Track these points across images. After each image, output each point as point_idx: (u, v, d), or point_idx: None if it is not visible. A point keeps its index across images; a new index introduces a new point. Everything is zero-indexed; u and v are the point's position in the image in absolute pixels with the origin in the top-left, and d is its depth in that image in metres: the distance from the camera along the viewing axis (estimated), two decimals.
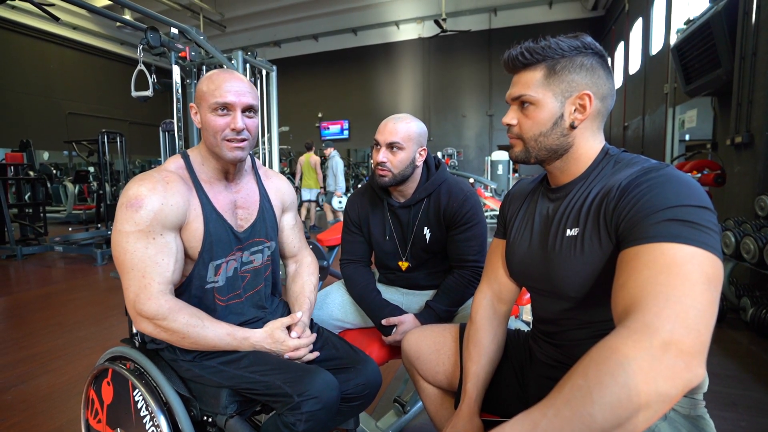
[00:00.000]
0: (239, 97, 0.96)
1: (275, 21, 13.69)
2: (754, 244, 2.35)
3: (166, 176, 0.95)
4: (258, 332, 1.01)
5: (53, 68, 12.96)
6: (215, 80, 0.96)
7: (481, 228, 1.32)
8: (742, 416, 1.68)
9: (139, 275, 0.89)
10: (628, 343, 0.48)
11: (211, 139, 0.97)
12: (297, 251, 1.28)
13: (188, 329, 0.91)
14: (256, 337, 1.00)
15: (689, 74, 3.76)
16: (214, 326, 0.95)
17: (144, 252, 0.89)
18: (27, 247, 5.33)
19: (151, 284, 0.89)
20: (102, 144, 6.24)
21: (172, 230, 0.94)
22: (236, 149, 0.98)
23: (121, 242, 0.90)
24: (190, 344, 0.94)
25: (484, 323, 0.93)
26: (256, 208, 1.11)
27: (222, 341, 0.96)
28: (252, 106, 0.99)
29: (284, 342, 1.01)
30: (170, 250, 0.93)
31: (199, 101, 0.98)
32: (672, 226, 0.56)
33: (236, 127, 0.96)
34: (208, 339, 0.94)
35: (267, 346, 1.00)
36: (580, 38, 0.74)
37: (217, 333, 0.95)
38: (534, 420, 0.48)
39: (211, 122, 0.96)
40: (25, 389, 1.99)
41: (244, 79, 0.99)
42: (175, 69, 3.63)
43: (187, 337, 0.92)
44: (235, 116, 0.96)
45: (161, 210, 0.91)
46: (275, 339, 1.00)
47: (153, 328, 0.91)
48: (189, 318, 0.92)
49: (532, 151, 0.78)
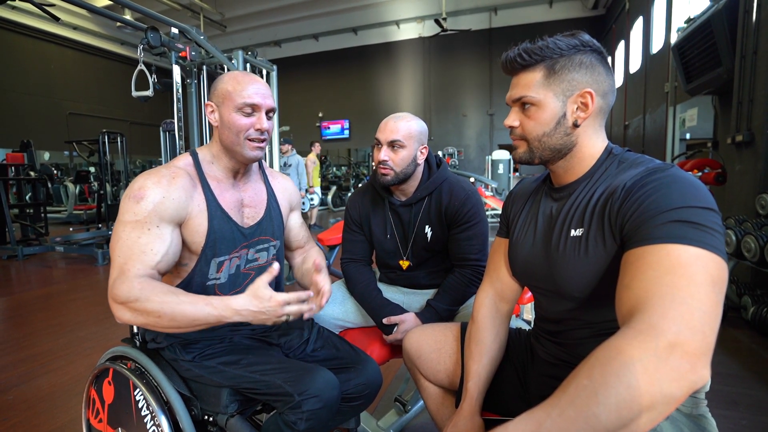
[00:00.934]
0: (264, 99, 1.00)
1: (275, 21, 13.67)
2: (755, 242, 2.35)
3: (174, 172, 0.96)
4: (239, 296, 0.87)
5: (54, 68, 12.96)
6: (241, 81, 0.99)
7: (482, 227, 1.32)
8: (744, 415, 1.68)
9: (122, 261, 0.87)
10: (633, 344, 0.48)
11: (233, 137, 0.99)
12: (304, 243, 1.30)
13: (162, 306, 0.82)
14: (238, 301, 0.86)
15: (690, 73, 3.76)
16: (191, 299, 0.85)
17: (135, 241, 0.88)
18: (28, 247, 5.33)
19: (131, 270, 0.86)
20: (103, 144, 6.25)
21: (169, 224, 0.93)
22: (257, 149, 1.01)
23: (119, 231, 0.90)
24: (168, 323, 0.84)
25: (486, 322, 0.93)
26: (264, 206, 1.12)
27: (201, 312, 0.84)
28: (273, 109, 1.04)
29: (271, 298, 0.86)
30: (163, 242, 0.91)
31: (222, 100, 1.00)
32: (677, 228, 0.56)
33: (261, 127, 0.99)
34: (186, 313, 0.83)
35: (253, 308, 0.86)
36: (577, 36, 0.74)
37: (196, 305, 0.84)
38: (538, 420, 0.48)
39: (236, 121, 0.98)
40: (27, 389, 1.99)
41: (266, 83, 1.04)
42: (175, 69, 3.63)
43: (164, 315, 0.83)
44: (261, 117, 1.00)
45: (162, 203, 0.91)
46: (260, 296, 0.86)
47: (130, 314, 0.84)
48: (163, 296, 0.83)
49: (536, 152, 0.78)
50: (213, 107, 1.02)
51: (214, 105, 1.01)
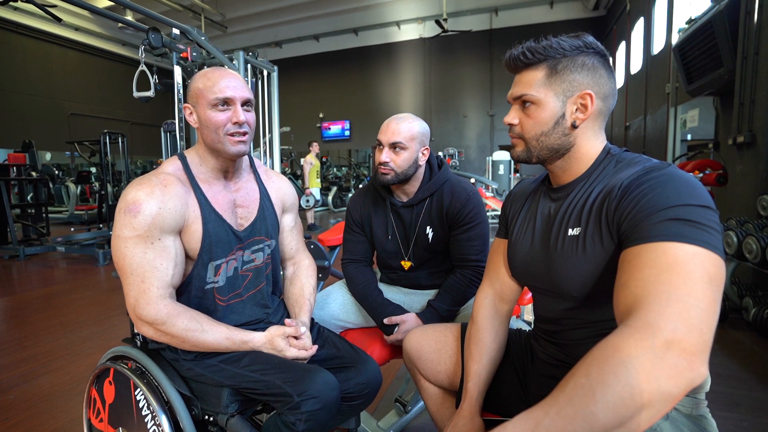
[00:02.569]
0: (237, 91, 0.97)
1: (276, 21, 13.69)
2: (757, 243, 2.34)
3: (164, 179, 0.95)
4: (257, 337, 1.00)
5: (55, 69, 12.99)
6: (211, 77, 0.97)
7: (483, 228, 1.32)
8: (745, 416, 1.68)
9: (138, 280, 0.90)
10: (630, 342, 0.48)
11: (213, 135, 0.97)
12: (294, 253, 1.27)
13: (187, 334, 0.92)
14: (255, 342, 1.00)
15: (691, 74, 3.75)
16: (213, 330, 0.95)
17: (143, 257, 0.90)
18: (29, 247, 5.34)
19: (150, 289, 0.90)
20: (104, 145, 6.26)
21: (170, 234, 0.94)
22: (239, 143, 0.99)
23: (120, 247, 0.90)
24: (190, 347, 0.96)
25: (486, 323, 0.93)
26: (256, 206, 1.11)
27: (221, 345, 0.96)
28: (250, 100, 1.00)
29: (282, 352, 1.00)
30: (169, 255, 0.93)
31: (196, 99, 0.98)
32: (674, 226, 0.56)
33: (239, 120, 0.97)
34: (207, 343, 0.95)
35: (266, 351, 1.01)
36: (581, 38, 0.74)
37: (216, 337, 0.95)
38: (536, 419, 0.48)
39: (212, 118, 0.96)
40: (28, 389, 1.99)
41: (238, 75, 1.01)
42: (176, 69, 3.63)
43: (186, 341, 0.93)
44: (236, 110, 0.97)
45: (159, 214, 0.91)
46: (274, 347, 1.00)
47: (153, 332, 0.93)
48: (188, 323, 0.92)
49: (533, 151, 0.78)
50: (190, 108, 1.00)
51: (191, 106, 1.00)
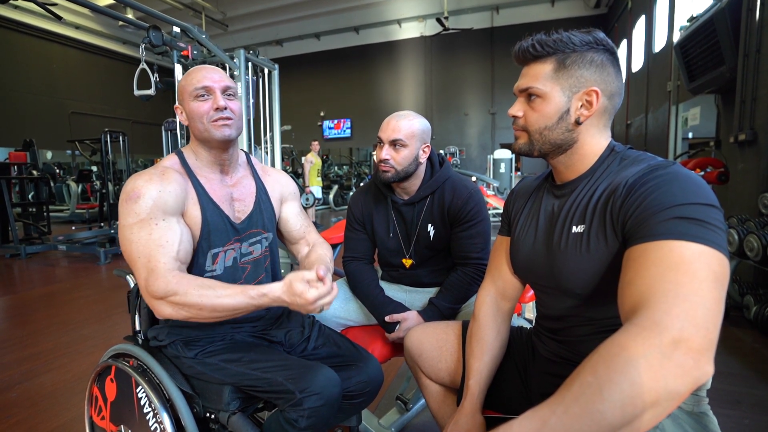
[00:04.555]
0: (215, 81, 1.01)
1: (277, 20, 13.68)
2: (758, 241, 2.34)
3: (162, 170, 0.99)
4: (275, 286, 0.91)
5: (56, 68, 12.97)
6: (192, 73, 1.03)
7: (485, 225, 1.32)
8: (746, 414, 1.68)
9: (145, 261, 0.90)
10: (637, 340, 0.48)
11: (199, 125, 1.01)
12: (304, 233, 1.26)
13: (202, 300, 0.87)
14: (274, 293, 0.90)
15: (692, 72, 3.74)
16: (228, 291, 0.89)
17: (148, 238, 0.90)
18: (31, 246, 5.35)
19: (158, 265, 0.89)
20: (105, 143, 6.27)
21: (173, 215, 0.95)
22: (224, 126, 1.01)
23: (126, 235, 0.91)
24: (209, 314, 0.89)
25: (488, 320, 0.93)
26: (253, 199, 1.13)
27: (240, 303, 0.89)
28: (229, 87, 1.04)
29: (302, 294, 0.88)
30: (174, 232, 0.94)
31: (182, 96, 1.03)
32: (680, 224, 0.56)
33: (219, 105, 1.00)
34: (225, 305, 0.88)
35: (287, 299, 0.90)
36: (592, 33, 0.74)
37: (234, 297, 0.89)
38: (543, 417, 0.48)
39: (196, 109, 1.00)
40: (29, 387, 2.00)
41: (217, 68, 1.06)
42: (177, 68, 3.63)
43: (204, 307, 0.87)
44: (216, 96, 1.01)
45: (159, 197, 0.93)
46: (294, 291, 0.89)
47: (170, 308, 0.88)
48: (200, 289, 0.88)
49: (535, 144, 0.78)
50: (180, 108, 1.05)
51: (180, 105, 1.05)
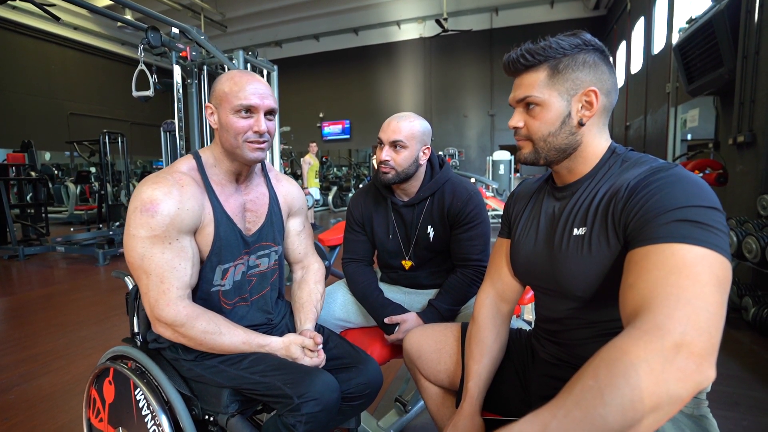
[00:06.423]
0: (263, 99, 0.96)
1: (276, 21, 13.67)
2: (756, 243, 2.34)
3: (180, 179, 0.94)
4: (274, 342, 1.01)
5: (54, 69, 12.95)
6: (238, 82, 0.96)
7: (484, 227, 1.32)
8: (744, 416, 1.68)
9: (157, 281, 0.89)
10: (639, 344, 0.47)
11: (232, 140, 0.96)
12: (303, 257, 1.25)
13: (205, 337, 0.93)
14: (272, 347, 1.00)
15: (691, 73, 3.75)
16: (230, 333, 0.96)
17: (161, 257, 0.89)
18: (29, 247, 5.33)
19: (170, 290, 0.90)
20: (103, 144, 6.26)
21: (187, 234, 0.94)
22: (257, 150, 0.98)
23: (136, 247, 0.89)
24: (206, 349, 0.96)
25: (487, 322, 0.93)
26: (265, 211, 1.10)
27: (237, 349, 0.97)
28: (273, 109, 0.99)
29: (297, 359, 1.00)
30: (186, 255, 0.93)
31: (219, 102, 0.97)
32: (682, 227, 0.56)
33: (260, 129, 0.96)
34: (224, 346, 0.95)
35: (281, 356, 1.01)
36: (579, 35, 0.74)
37: (233, 341, 0.96)
38: (543, 421, 0.47)
39: (234, 124, 0.95)
40: (28, 389, 1.99)
41: (264, 81, 1.00)
42: (176, 69, 3.63)
43: (204, 344, 0.94)
44: (259, 119, 0.96)
45: (177, 215, 0.90)
46: (290, 353, 1.00)
47: (171, 333, 0.93)
48: (206, 325, 0.93)
49: (541, 152, 0.78)
50: (212, 109, 0.99)
51: (213, 107, 0.99)
